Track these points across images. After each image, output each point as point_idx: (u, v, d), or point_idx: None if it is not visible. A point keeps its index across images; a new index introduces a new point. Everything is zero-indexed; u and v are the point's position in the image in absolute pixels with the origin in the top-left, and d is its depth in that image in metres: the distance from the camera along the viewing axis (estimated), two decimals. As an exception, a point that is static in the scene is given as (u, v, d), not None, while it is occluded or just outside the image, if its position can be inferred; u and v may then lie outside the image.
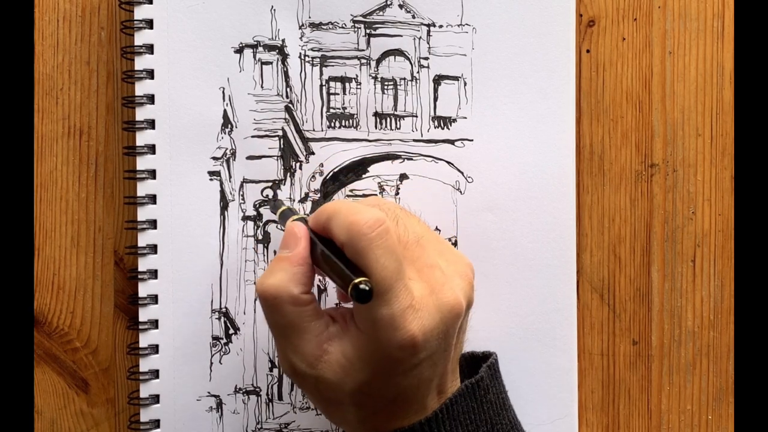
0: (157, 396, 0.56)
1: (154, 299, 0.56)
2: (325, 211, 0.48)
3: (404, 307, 0.45)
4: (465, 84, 0.57)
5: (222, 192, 0.57)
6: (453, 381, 0.49)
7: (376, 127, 0.57)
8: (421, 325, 0.45)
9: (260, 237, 0.57)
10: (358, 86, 0.57)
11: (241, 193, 0.57)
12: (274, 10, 0.57)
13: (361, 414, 0.48)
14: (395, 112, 0.57)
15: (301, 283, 0.47)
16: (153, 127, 0.56)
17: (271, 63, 0.57)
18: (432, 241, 0.49)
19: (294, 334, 0.47)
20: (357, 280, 0.43)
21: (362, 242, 0.45)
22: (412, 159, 0.57)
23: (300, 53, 0.57)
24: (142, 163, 0.56)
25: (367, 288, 0.43)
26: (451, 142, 0.57)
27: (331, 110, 0.57)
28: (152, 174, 0.56)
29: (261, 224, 0.57)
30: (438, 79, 0.57)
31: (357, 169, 0.57)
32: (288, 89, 0.57)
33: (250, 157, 0.57)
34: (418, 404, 0.47)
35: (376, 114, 0.57)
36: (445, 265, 0.48)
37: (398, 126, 0.57)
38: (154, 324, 0.56)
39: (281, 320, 0.47)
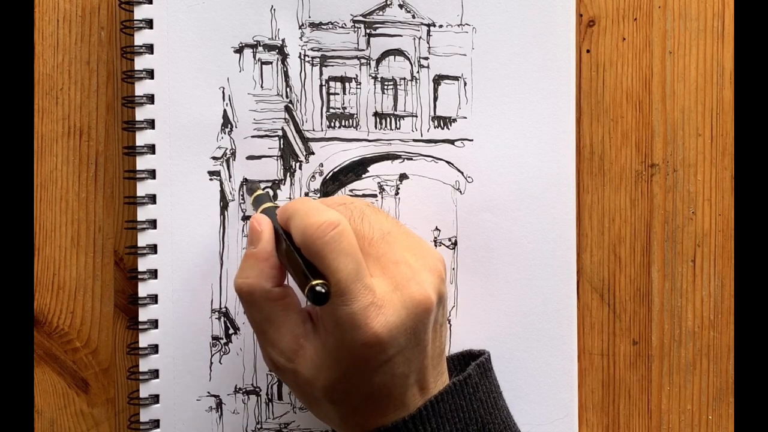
0: (157, 396, 0.56)
1: (154, 299, 0.56)
2: (287, 209, 0.49)
3: (364, 306, 0.45)
4: (465, 84, 0.57)
5: (222, 192, 0.57)
6: (437, 378, 0.49)
7: (376, 127, 0.57)
8: (385, 321, 0.45)
9: (260, 237, 0.57)
10: (358, 86, 0.57)
11: (241, 193, 0.57)
12: (274, 10, 0.57)
13: (340, 411, 0.48)
14: (395, 112, 0.57)
15: (271, 278, 0.48)
16: (153, 127, 0.56)
17: (271, 63, 0.57)
18: (399, 237, 0.49)
19: (271, 328, 0.48)
20: (313, 283, 0.44)
21: (316, 246, 0.45)
22: (412, 159, 0.57)
23: (300, 53, 0.57)
24: (142, 163, 0.56)
25: (323, 291, 0.43)
26: (451, 142, 0.57)
27: (331, 110, 0.57)
28: (152, 174, 0.56)
29: (261, 224, 0.57)
30: (438, 79, 0.57)
31: (357, 169, 0.57)
32: (288, 89, 0.57)
33: (250, 157, 0.57)
34: (397, 401, 0.47)
35: (376, 114, 0.57)
36: (413, 261, 0.48)
37: (398, 126, 0.57)
38: (154, 324, 0.56)
39: (258, 315, 0.48)
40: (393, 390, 0.47)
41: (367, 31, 0.57)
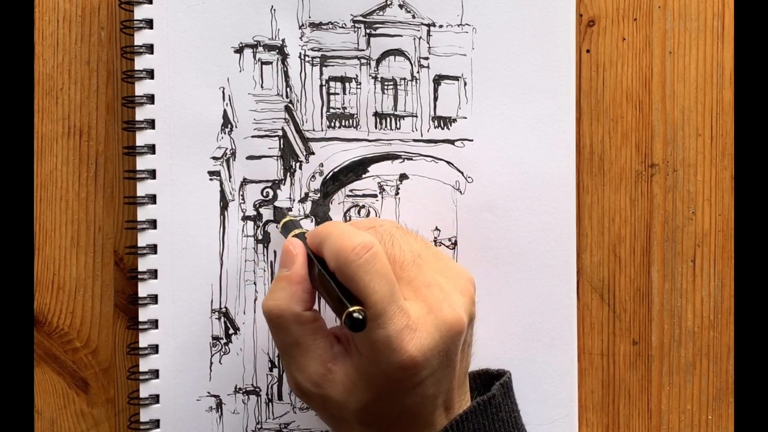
0: (157, 396, 0.56)
1: (154, 299, 0.56)
2: (319, 233, 0.49)
3: (400, 329, 0.45)
4: (465, 84, 0.57)
5: (222, 192, 0.57)
6: (461, 397, 0.49)
7: (376, 127, 0.57)
8: (420, 344, 0.45)
9: (260, 237, 0.57)
10: (358, 86, 0.57)
11: (241, 193, 0.57)
12: (274, 10, 0.57)
13: None
14: (395, 112, 0.57)
15: (302, 301, 0.48)
16: (153, 127, 0.56)
17: (271, 63, 0.57)
18: (429, 259, 0.49)
19: (299, 353, 0.48)
20: (350, 309, 0.43)
21: (351, 269, 0.45)
22: (412, 159, 0.57)
23: (300, 53, 0.57)
24: (142, 163, 0.56)
25: (360, 317, 0.43)
26: (451, 142, 0.57)
27: (331, 110, 0.57)
28: (152, 174, 0.56)
29: (261, 224, 0.57)
30: (438, 79, 0.57)
31: (357, 169, 0.57)
32: (288, 89, 0.57)
33: (250, 157, 0.57)
34: (425, 420, 0.48)
35: (376, 114, 0.57)
36: (444, 282, 0.48)
37: (398, 126, 0.57)
38: (154, 324, 0.56)
39: (287, 339, 0.48)
40: (422, 410, 0.47)
41: (367, 31, 0.57)
